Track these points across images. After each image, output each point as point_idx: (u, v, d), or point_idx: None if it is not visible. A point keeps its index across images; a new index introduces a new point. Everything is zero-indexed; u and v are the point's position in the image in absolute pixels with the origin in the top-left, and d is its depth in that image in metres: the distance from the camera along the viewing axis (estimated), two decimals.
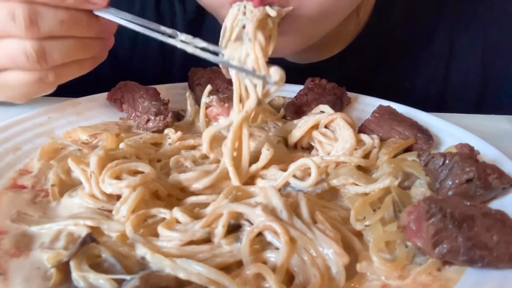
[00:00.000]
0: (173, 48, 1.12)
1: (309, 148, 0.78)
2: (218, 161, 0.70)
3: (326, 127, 0.77)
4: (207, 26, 1.09)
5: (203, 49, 0.70)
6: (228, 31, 0.73)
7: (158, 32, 0.70)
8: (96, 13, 0.70)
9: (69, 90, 0.84)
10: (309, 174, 0.69)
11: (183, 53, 0.70)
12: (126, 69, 1.12)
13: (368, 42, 1.06)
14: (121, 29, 0.73)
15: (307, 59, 1.06)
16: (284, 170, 0.68)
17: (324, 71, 0.99)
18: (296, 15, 0.79)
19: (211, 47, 0.71)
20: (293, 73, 0.84)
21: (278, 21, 0.75)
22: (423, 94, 1.12)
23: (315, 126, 0.77)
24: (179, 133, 0.78)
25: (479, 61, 1.10)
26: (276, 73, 0.66)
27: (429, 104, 1.11)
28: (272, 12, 0.72)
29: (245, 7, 0.72)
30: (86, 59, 0.73)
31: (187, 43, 0.70)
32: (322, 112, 0.81)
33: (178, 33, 0.70)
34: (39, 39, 0.66)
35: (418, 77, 1.11)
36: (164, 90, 0.90)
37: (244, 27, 0.70)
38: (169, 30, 0.70)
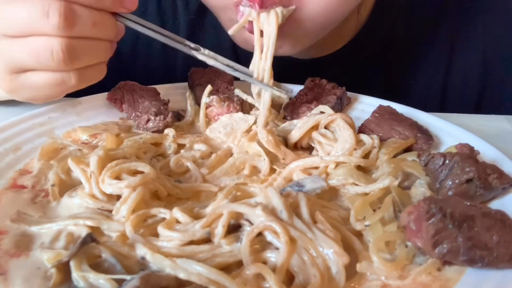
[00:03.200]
0: (174, 54, 1.13)
1: (309, 148, 0.78)
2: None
3: (326, 127, 0.77)
4: (209, 22, 1.09)
5: (227, 65, 0.77)
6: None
7: (182, 44, 0.76)
8: (120, 18, 0.71)
9: None
10: (310, 174, 0.70)
11: (184, 58, 0.71)
12: (128, 69, 1.12)
13: (368, 39, 1.06)
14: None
15: (308, 55, 1.07)
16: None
17: (325, 67, 0.99)
18: (299, 16, 0.80)
19: (236, 65, 0.78)
20: (294, 69, 0.84)
21: (282, 23, 0.77)
22: (423, 92, 1.12)
23: (315, 127, 0.77)
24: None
25: (480, 60, 1.10)
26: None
27: (430, 102, 1.11)
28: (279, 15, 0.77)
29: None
30: (102, 62, 0.73)
31: (210, 57, 0.76)
32: (322, 112, 0.81)
33: (201, 48, 0.77)
34: (68, 38, 0.65)
35: (419, 74, 1.11)
36: (164, 90, 0.90)
37: None
38: (192, 44, 0.76)
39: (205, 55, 0.77)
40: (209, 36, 1.10)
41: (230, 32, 0.79)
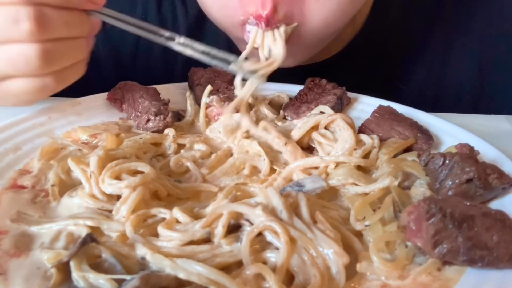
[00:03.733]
0: (174, 60, 1.12)
1: (308, 148, 0.78)
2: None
3: (326, 128, 0.77)
4: (208, 27, 1.09)
5: (203, 52, 0.73)
6: None
7: (157, 34, 0.72)
8: (93, 14, 0.70)
9: (69, 90, 0.84)
10: (310, 174, 0.70)
11: (183, 64, 0.71)
12: (128, 69, 1.12)
13: (365, 43, 1.06)
14: (123, 30, 0.74)
15: (306, 61, 1.07)
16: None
17: (323, 72, 0.99)
18: (301, 32, 0.82)
19: (214, 51, 0.74)
20: (291, 74, 0.85)
21: (286, 39, 0.79)
22: (419, 95, 1.12)
23: (315, 127, 0.77)
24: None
25: (476, 62, 1.10)
26: None
27: (425, 104, 1.11)
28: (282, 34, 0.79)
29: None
30: (80, 61, 0.73)
31: (185, 45, 0.72)
32: (322, 112, 0.81)
33: (177, 36, 0.72)
34: (42, 42, 0.65)
35: (414, 77, 1.12)
36: (164, 90, 0.90)
37: None
38: (167, 33, 0.72)
39: (180, 44, 0.73)
40: (208, 41, 1.11)
41: (243, 54, 0.79)
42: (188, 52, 0.73)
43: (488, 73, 1.10)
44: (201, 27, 1.10)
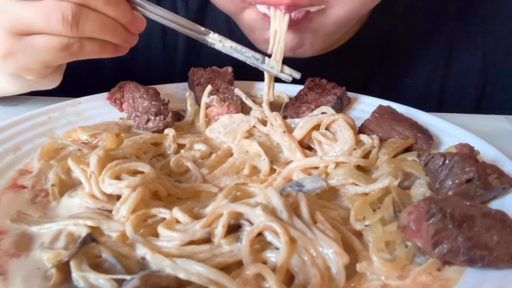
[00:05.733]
0: (176, 49, 1.13)
1: (308, 148, 0.78)
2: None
3: (327, 128, 0.77)
4: (209, 21, 1.09)
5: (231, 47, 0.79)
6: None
7: (193, 31, 0.78)
8: (137, 9, 0.74)
9: (70, 90, 0.84)
10: (309, 174, 0.70)
11: (186, 53, 0.71)
12: (128, 69, 1.12)
13: (368, 37, 1.06)
14: None
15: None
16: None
17: (325, 65, 0.99)
18: (325, 16, 0.83)
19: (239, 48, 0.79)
20: (293, 67, 0.85)
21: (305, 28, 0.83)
22: (423, 91, 1.12)
23: (316, 127, 0.77)
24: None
25: (480, 58, 1.10)
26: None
27: (429, 101, 1.11)
28: None
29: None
30: (109, 43, 0.74)
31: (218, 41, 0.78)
32: (323, 113, 0.81)
33: (211, 32, 0.78)
34: (79, 5, 0.68)
35: (418, 73, 1.12)
36: (164, 90, 0.90)
37: None
38: (202, 28, 0.78)
39: (213, 39, 0.79)
40: None
41: (269, 50, 0.83)
42: (218, 46, 0.79)
43: (492, 69, 1.10)
44: (202, 22, 1.10)
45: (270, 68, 0.81)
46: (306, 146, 0.78)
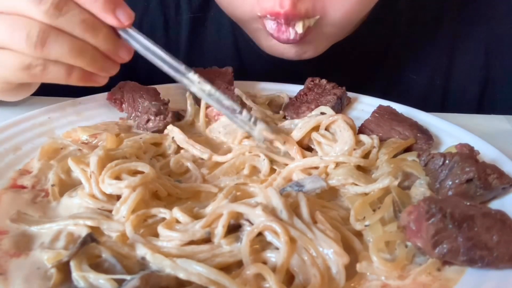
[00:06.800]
0: (177, 49, 1.13)
1: (308, 149, 0.78)
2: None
3: (326, 129, 0.77)
4: (211, 18, 1.09)
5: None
6: None
7: (172, 67, 0.71)
8: (122, 33, 0.69)
9: (70, 90, 0.84)
10: (309, 174, 0.70)
11: (186, 53, 0.70)
12: (128, 69, 1.12)
13: (369, 34, 1.06)
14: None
15: None
16: None
17: (329, 60, 0.99)
18: (322, 23, 0.83)
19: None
20: (292, 63, 0.85)
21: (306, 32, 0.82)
22: (425, 88, 1.12)
23: (316, 128, 0.77)
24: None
25: (482, 56, 1.10)
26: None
27: (431, 100, 1.11)
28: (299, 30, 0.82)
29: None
30: (81, 70, 0.70)
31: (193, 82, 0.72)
32: (322, 113, 0.81)
33: (192, 71, 0.72)
34: (49, 25, 0.64)
35: (420, 72, 1.11)
36: (164, 90, 0.90)
37: None
38: (183, 66, 0.71)
39: (192, 80, 0.72)
40: (210, 32, 1.11)
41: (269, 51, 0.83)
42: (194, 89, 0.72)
43: (495, 67, 1.10)
44: (204, 19, 1.09)
45: (243, 125, 0.71)
46: (305, 147, 0.78)
